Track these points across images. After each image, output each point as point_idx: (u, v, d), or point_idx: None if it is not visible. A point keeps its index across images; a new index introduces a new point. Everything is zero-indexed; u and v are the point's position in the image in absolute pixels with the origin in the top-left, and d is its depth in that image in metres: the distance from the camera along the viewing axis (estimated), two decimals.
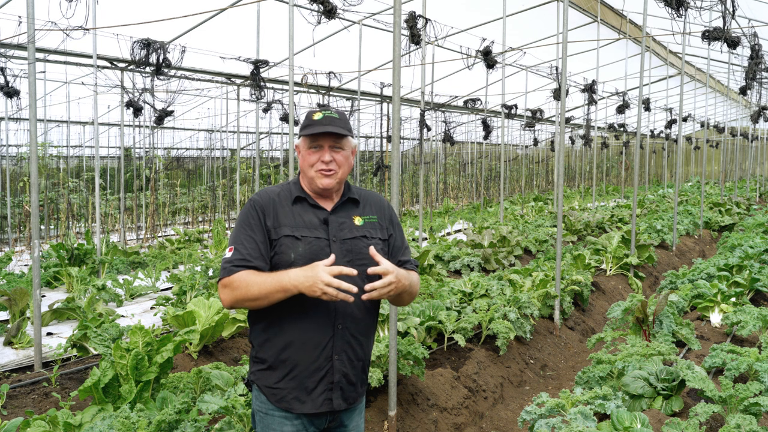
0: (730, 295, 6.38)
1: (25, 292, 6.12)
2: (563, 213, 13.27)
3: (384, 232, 2.53)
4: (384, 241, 2.51)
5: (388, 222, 2.57)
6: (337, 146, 2.43)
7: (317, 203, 2.46)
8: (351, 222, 2.46)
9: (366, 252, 2.41)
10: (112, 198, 16.16)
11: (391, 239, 2.55)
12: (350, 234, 2.44)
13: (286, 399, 2.38)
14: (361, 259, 2.40)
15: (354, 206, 2.51)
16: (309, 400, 2.38)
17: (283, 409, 2.39)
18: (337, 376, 2.39)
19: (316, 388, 2.38)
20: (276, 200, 2.44)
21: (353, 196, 2.52)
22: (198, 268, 7.29)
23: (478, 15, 12.87)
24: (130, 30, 9.20)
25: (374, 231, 2.49)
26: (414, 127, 20.98)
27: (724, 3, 7.62)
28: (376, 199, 2.59)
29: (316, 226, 2.42)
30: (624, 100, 16.51)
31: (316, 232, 2.40)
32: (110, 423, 3.26)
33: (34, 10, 5.17)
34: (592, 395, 3.61)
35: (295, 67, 7.68)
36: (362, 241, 2.44)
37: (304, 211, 2.43)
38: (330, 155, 2.41)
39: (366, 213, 2.52)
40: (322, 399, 2.38)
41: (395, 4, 4.00)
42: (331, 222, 2.44)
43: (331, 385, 2.39)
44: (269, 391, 2.40)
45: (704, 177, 14.19)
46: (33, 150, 5.10)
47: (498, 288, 6.58)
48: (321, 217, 2.44)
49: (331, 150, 2.42)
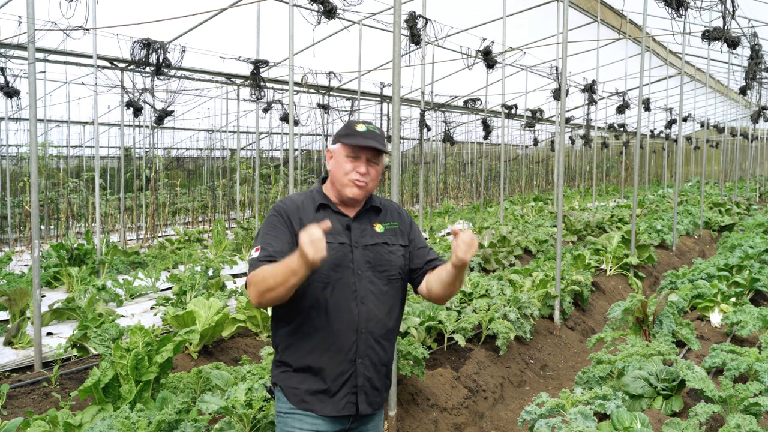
0: (730, 295, 6.38)
1: (25, 292, 6.12)
2: (563, 213, 13.27)
3: (405, 238, 2.57)
4: (404, 247, 2.56)
5: (408, 227, 2.62)
6: (374, 161, 2.47)
7: (340, 210, 2.50)
8: (372, 229, 2.51)
9: (388, 258, 2.47)
10: (112, 198, 16.15)
11: (411, 244, 2.59)
12: (371, 240, 2.48)
13: (308, 401, 2.40)
14: (382, 265, 2.46)
15: (375, 214, 2.56)
16: (331, 403, 2.40)
17: (304, 410, 2.40)
18: (360, 380, 2.42)
19: (339, 392, 2.40)
20: (300, 207, 2.48)
21: (375, 204, 2.57)
22: (198, 268, 7.29)
23: (478, 15, 12.87)
24: (130, 30, 9.20)
25: (395, 238, 2.54)
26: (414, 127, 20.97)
27: (724, 3, 7.62)
28: (395, 207, 2.65)
29: (339, 232, 2.45)
30: (624, 100, 16.51)
31: (340, 237, 2.44)
32: (110, 423, 3.26)
33: (34, 10, 5.17)
34: (592, 395, 3.61)
35: (295, 67, 7.68)
36: (383, 248, 2.49)
37: (328, 218, 2.45)
38: (366, 168, 2.45)
39: (387, 220, 2.57)
40: (344, 402, 2.40)
41: (395, 4, 4.00)
42: (354, 228, 2.48)
43: (354, 389, 2.41)
44: (291, 391, 2.42)
45: (704, 177, 14.19)
46: (33, 150, 5.10)
47: (498, 288, 6.58)
48: (344, 223, 2.48)
49: (368, 163, 2.46)
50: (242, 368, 4.14)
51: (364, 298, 2.41)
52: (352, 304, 2.39)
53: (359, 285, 2.41)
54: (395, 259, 2.50)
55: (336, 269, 2.39)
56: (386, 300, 2.46)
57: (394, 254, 2.50)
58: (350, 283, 2.40)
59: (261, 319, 5.94)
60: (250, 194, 17.88)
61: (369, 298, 2.41)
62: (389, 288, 2.47)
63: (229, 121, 17.86)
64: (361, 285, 2.41)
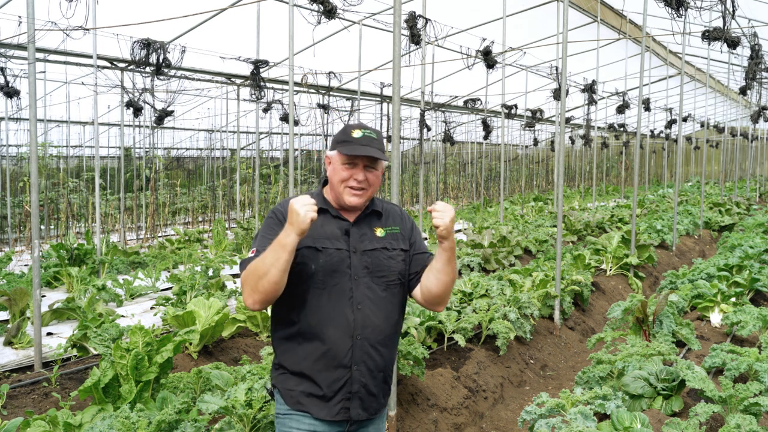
0: (730, 295, 6.38)
1: (25, 292, 6.12)
2: (563, 213, 13.27)
3: (406, 242, 2.54)
4: (405, 252, 2.51)
5: (410, 231, 2.58)
6: (371, 166, 2.43)
7: (340, 214, 2.47)
8: (372, 233, 2.47)
9: (387, 264, 2.44)
10: (112, 198, 16.15)
11: (412, 248, 2.55)
12: (371, 245, 2.45)
13: (304, 403, 2.40)
14: (381, 270, 2.43)
15: (377, 218, 2.52)
16: (326, 407, 2.39)
17: (301, 411, 2.40)
18: (355, 386, 2.40)
19: (333, 398, 2.39)
20: None
21: (377, 209, 2.53)
22: (198, 268, 7.29)
23: (478, 15, 12.87)
24: (130, 30, 9.20)
25: (395, 242, 2.50)
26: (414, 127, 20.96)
27: (724, 3, 7.62)
28: (397, 211, 2.60)
29: (338, 237, 2.42)
30: (624, 100, 16.50)
31: (337, 243, 2.41)
32: (110, 423, 3.26)
33: (34, 10, 5.17)
34: (592, 395, 3.61)
35: (295, 67, 7.68)
36: (382, 253, 2.45)
37: (327, 222, 2.44)
38: (363, 175, 2.41)
39: (388, 224, 2.53)
40: (338, 408, 2.39)
41: (395, 4, 4.00)
42: (353, 233, 2.44)
43: (349, 395, 2.40)
44: (288, 393, 2.42)
45: (704, 177, 14.19)
46: (33, 150, 5.10)
47: (498, 288, 6.58)
48: (343, 227, 2.45)
49: (365, 170, 2.41)
50: (242, 368, 4.14)
51: (361, 304, 2.38)
52: (348, 310, 2.37)
53: (356, 291, 2.39)
54: (395, 265, 2.46)
55: (332, 275, 2.37)
56: (384, 306, 2.43)
57: (394, 259, 2.47)
58: (346, 289, 2.38)
59: (261, 319, 5.94)
60: (250, 194, 17.88)
61: (365, 303, 2.39)
62: (387, 294, 2.44)
63: (229, 121, 17.86)
64: (357, 291, 2.39)
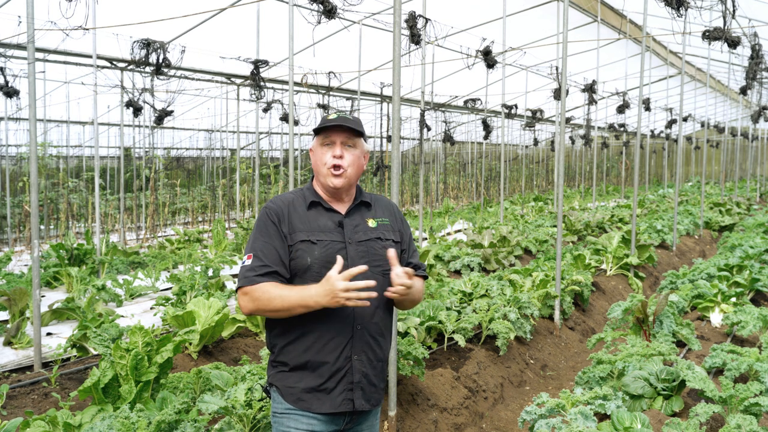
0: (731, 295, 6.38)
1: (25, 292, 6.11)
2: (563, 213, 13.26)
3: (396, 234, 2.57)
4: (397, 243, 2.55)
5: (400, 224, 2.62)
6: (349, 144, 2.47)
7: (331, 207, 2.50)
8: (365, 224, 2.51)
9: (381, 253, 2.46)
10: (112, 198, 16.14)
11: (402, 242, 2.59)
12: (365, 236, 2.48)
13: (305, 399, 2.40)
14: (377, 260, 2.45)
15: (367, 209, 2.56)
16: (328, 400, 2.40)
17: (301, 408, 2.40)
18: (357, 376, 2.42)
19: (335, 389, 2.40)
20: (290, 206, 2.48)
21: (365, 200, 2.57)
22: (198, 268, 7.28)
23: (478, 15, 12.87)
24: (130, 30, 9.20)
25: (387, 233, 2.54)
26: (414, 126, 20.98)
27: (725, 3, 7.61)
28: (385, 203, 2.64)
29: (332, 229, 2.45)
30: (624, 100, 16.50)
31: (332, 235, 2.44)
32: (110, 423, 3.26)
33: (33, 10, 5.17)
34: (592, 395, 3.61)
35: (295, 67, 7.68)
36: (377, 243, 2.49)
37: (319, 215, 2.47)
38: (341, 150, 2.45)
39: (378, 215, 2.56)
40: (341, 399, 2.40)
41: (395, 4, 3.99)
42: (346, 225, 2.47)
43: (351, 386, 2.41)
44: (288, 390, 2.42)
45: (704, 177, 14.19)
46: (33, 150, 5.09)
47: (498, 288, 6.57)
48: (336, 220, 2.47)
49: (342, 146, 2.46)
50: (242, 368, 4.14)
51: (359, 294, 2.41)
52: None
53: (354, 282, 2.40)
54: None
55: (328, 267, 2.37)
56: (381, 294, 2.45)
57: (387, 249, 2.49)
58: None
59: (261, 319, 5.93)
60: (250, 194, 17.88)
61: (364, 294, 2.40)
62: (384, 282, 2.45)
63: (229, 121, 17.85)
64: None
